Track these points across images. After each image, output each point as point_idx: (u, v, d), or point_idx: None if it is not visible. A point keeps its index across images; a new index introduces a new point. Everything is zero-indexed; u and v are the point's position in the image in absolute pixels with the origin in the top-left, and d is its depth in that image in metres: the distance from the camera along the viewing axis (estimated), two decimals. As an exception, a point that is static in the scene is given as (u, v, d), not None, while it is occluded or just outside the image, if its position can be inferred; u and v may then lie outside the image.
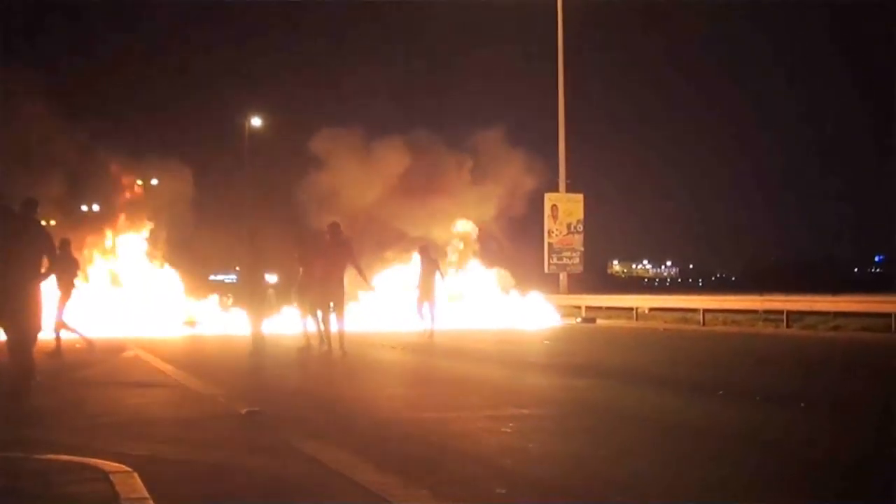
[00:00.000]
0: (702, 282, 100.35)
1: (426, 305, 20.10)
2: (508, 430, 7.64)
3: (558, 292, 33.58)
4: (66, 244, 14.51)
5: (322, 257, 15.63)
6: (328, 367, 14.41)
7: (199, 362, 13.92)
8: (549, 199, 34.68)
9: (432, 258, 21.32)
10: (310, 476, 5.91)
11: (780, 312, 25.40)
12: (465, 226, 32.46)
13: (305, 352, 15.68)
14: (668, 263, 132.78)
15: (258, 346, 15.20)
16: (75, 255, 15.71)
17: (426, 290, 20.11)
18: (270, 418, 8.25)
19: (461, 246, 32.20)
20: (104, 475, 5.59)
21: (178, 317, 24.37)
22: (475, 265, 31.88)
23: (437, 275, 20.43)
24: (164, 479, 5.66)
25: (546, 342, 20.45)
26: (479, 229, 32.66)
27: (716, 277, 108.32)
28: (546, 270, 34.49)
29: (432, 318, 20.03)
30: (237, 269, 17.37)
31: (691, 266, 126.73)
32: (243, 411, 8.46)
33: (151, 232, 27.92)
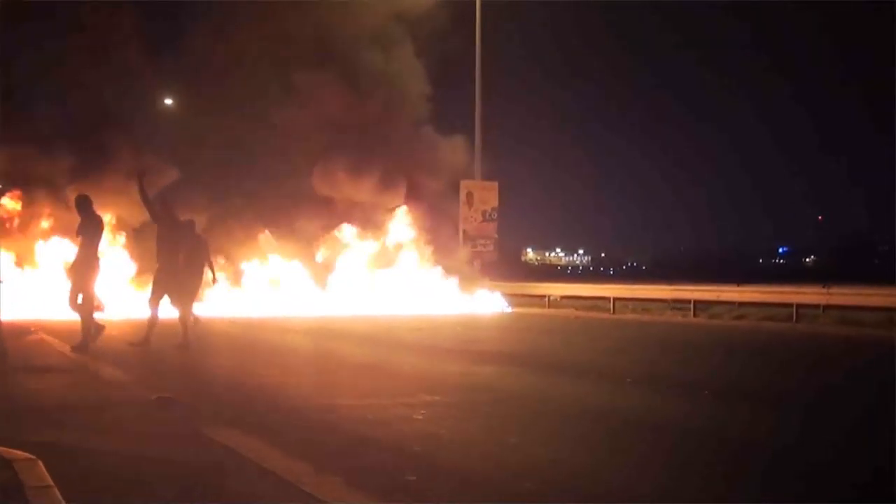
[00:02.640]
0: (613, 270, 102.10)
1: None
2: (420, 417, 7.70)
3: (474, 279, 33.77)
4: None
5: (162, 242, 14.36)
6: (239, 352, 14.29)
7: (108, 347, 13.62)
8: (464, 186, 34.84)
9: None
10: (220, 463, 5.87)
11: (688, 302, 26.10)
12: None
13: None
14: (581, 251, 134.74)
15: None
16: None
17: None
18: (181, 404, 8.16)
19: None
20: (7, 463, 5.46)
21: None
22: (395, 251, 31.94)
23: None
24: (70, 468, 5.56)
25: (459, 329, 20.60)
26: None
27: (626, 266, 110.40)
28: (460, 256, 34.65)
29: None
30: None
31: (603, 255, 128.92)
32: (153, 397, 8.34)
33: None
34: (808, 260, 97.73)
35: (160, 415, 7.83)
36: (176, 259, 14.43)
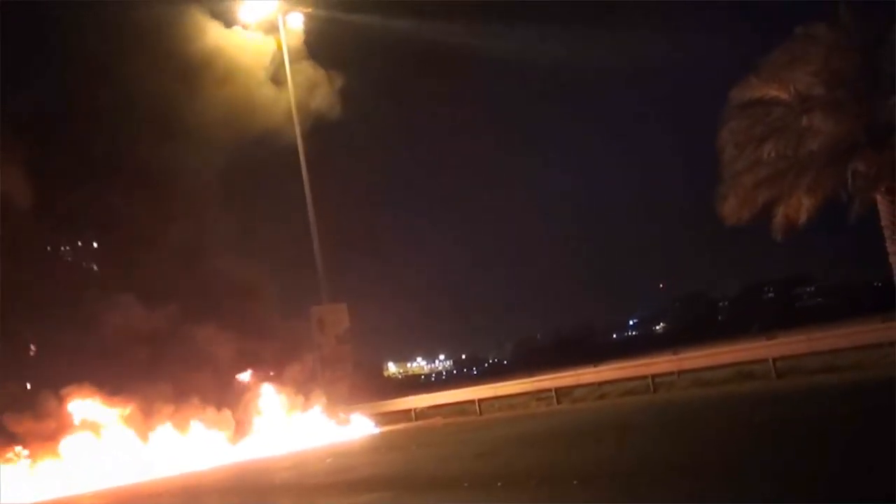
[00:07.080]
0: (476, 370, 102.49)
1: None
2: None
3: (338, 405, 33.31)
4: None
5: None
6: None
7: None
8: (314, 312, 34.64)
9: None
10: None
11: (550, 390, 26.43)
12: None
13: None
14: (442, 357, 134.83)
15: None
16: None
17: None
18: None
19: None
20: None
21: None
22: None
23: None
24: None
25: (329, 460, 20.17)
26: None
27: (489, 364, 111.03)
28: (321, 383, 34.19)
29: None
30: None
31: (464, 356, 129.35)
32: None
33: None
34: (658, 328, 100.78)
35: None
36: None
